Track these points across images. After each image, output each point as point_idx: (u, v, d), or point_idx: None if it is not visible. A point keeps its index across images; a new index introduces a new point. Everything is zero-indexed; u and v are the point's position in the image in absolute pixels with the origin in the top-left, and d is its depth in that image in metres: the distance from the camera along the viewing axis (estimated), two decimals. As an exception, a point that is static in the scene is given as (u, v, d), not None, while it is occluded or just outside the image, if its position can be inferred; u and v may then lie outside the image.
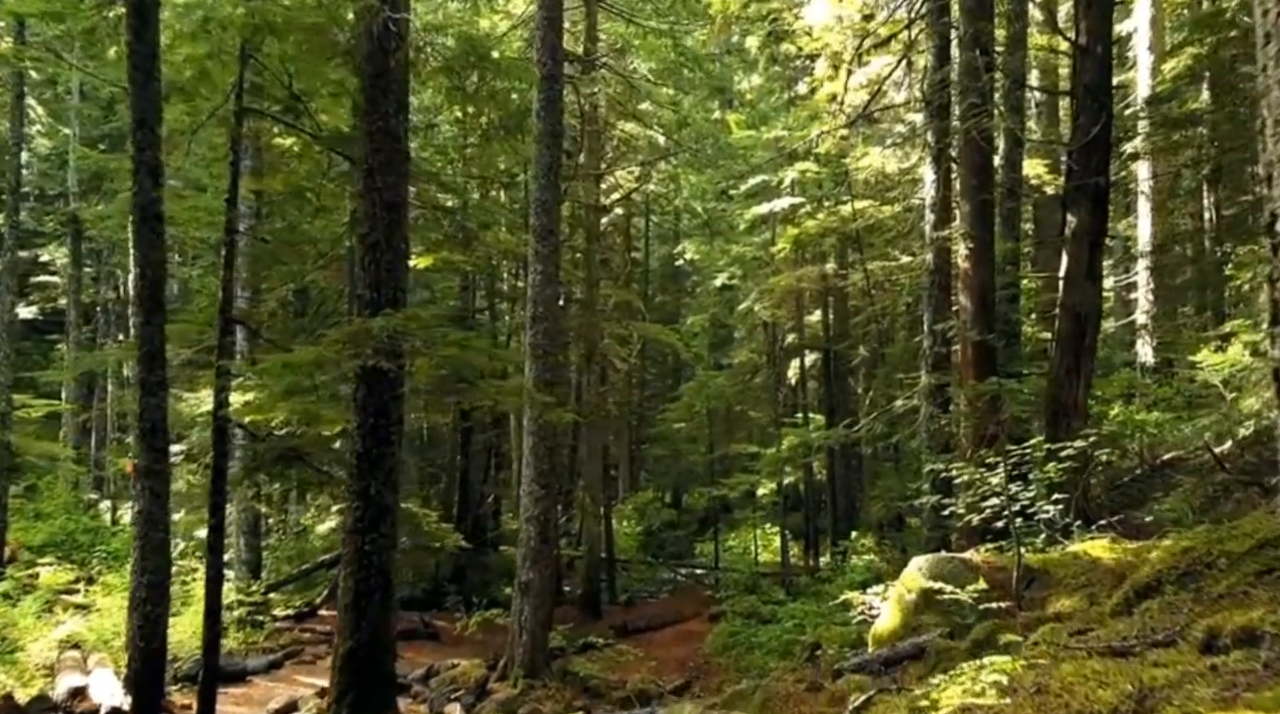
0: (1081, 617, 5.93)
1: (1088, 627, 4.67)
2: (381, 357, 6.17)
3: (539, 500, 13.21)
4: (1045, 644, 4.33)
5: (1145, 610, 4.69)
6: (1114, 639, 4.09)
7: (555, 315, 13.65)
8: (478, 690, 12.54)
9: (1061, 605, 6.86)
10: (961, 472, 8.62)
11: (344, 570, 6.19)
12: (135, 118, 7.45)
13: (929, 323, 12.35)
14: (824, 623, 14.95)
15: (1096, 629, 4.59)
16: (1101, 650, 3.84)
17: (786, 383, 30.45)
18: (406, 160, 6.55)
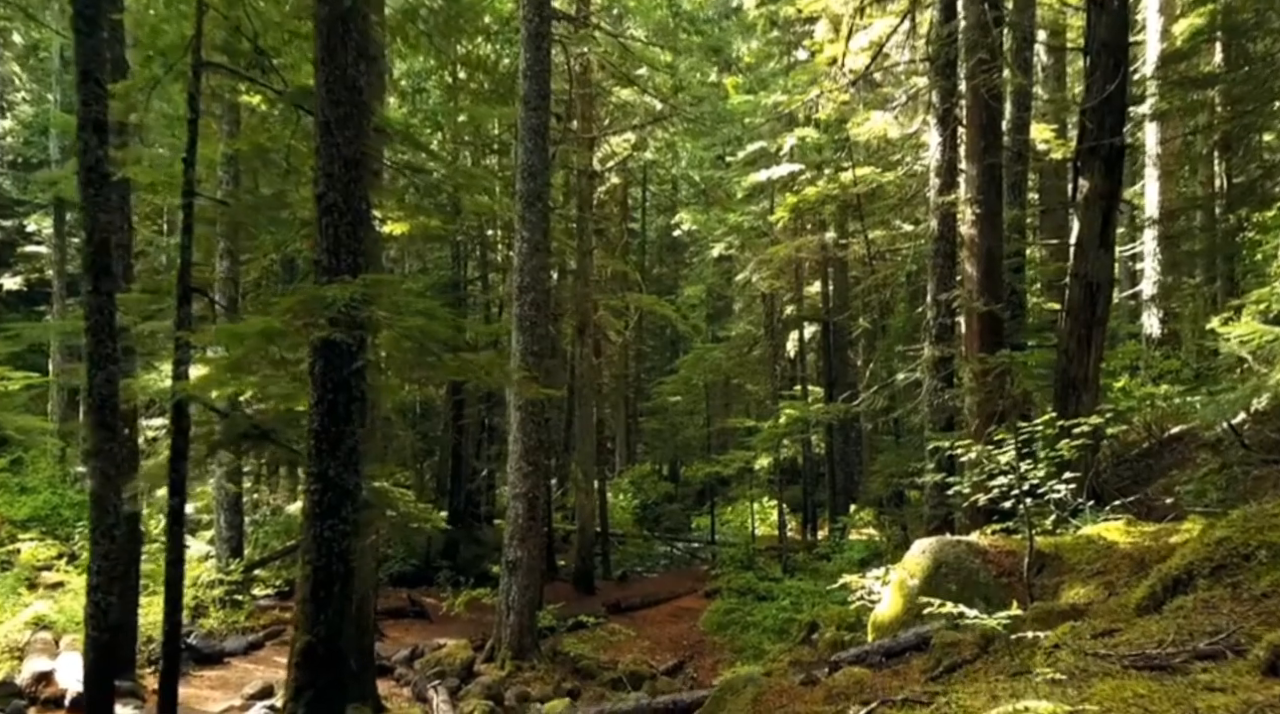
0: (1103, 610, 5.45)
1: (1113, 626, 4.20)
2: (339, 327, 5.65)
3: (527, 477, 12.75)
4: (1068, 649, 3.86)
5: (1178, 609, 4.21)
6: (1149, 645, 3.61)
7: (543, 285, 13.12)
8: (463, 673, 12.14)
9: (1076, 594, 6.39)
10: (967, 449, 8.14)
11: (302, 558, 5.72)
12: (80, 70, 6.90)
13: (933, 293, 11.82)
14: (821, 602, 14.55)
15: (1123, 629, 4.12)
16: (1137, 661, 3.36)
17: (785, 355, 29.99)
18: (368, 114, 5.98)
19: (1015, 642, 5.52)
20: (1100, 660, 3.53)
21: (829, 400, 22.79)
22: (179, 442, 7.83)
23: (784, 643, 14.40)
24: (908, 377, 12.01)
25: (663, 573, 24.50)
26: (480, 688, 11.41)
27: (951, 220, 12.14)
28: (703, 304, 32.00)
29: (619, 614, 17.36)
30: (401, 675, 11.90)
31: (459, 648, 12.60)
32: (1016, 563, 7.22)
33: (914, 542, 15.39)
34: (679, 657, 14.65)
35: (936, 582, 7.34)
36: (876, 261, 17.72)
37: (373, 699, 9.93)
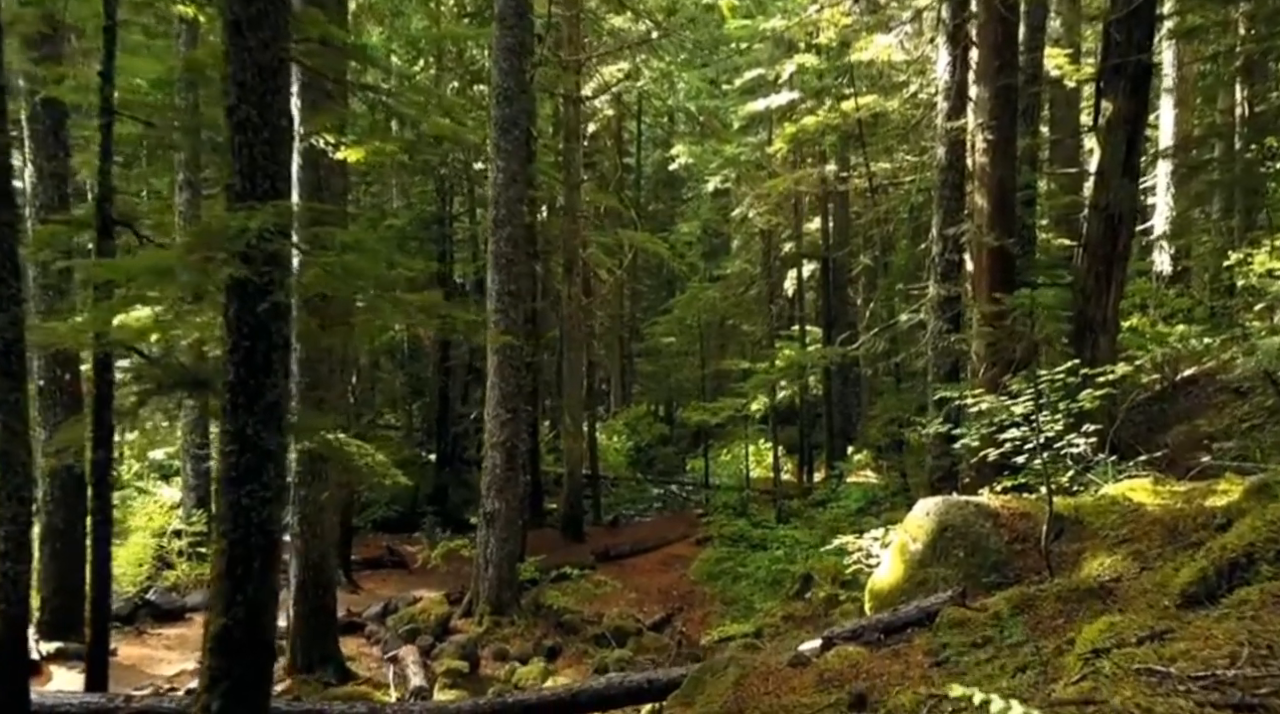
0: (1137, 592, 4.72)
1: (1163, 627, 3.46)
2: (253, 264, 4.82)
3: (505, 425, 12.01)
4: (1112, 662, 3.12)
5: (1241, 605, 3.47)
6: (1218, 661, 2.86)
7: (521, 219, 12.23)
8: (439, 629, 11.54)
9: (1101, 565, 5.66)
10: (978, 398, 7.38)
11: (215, 530, 4.96)
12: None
13: (939, 227, 10.96)
14: (816, 553, 13.94)
15: (1176, 631, 3.38)
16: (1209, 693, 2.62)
17: (783, 294, 29.12)
18: (285, 12, 5.08)
19: (1036, 632, 4.80)
20: (1158, 683, 2.78)
21: (827, 341, 22.02)
22: (103, 390, 7.08)
23: (777, 596, 13.85)
24: (910, 318, 11.20)
25: (656, 517, 23.96)
26: (454, 647, 10.80)
27: (960, 148, 11.22)
28: (699, 241, 30.98)
29: (607, 562, 16.79)
30: (373, 633, 11.31)
31: (434, 603, 11.99)
32: (1031, 527, 6.49)
33: (914, 492, 14.70)
34: (667, 609, 14.08)
35: (942, 547, 6.63)
36: (879, 194, 16.77)
37: (334, 663, 9.32)
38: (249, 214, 4.69)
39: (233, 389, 5.09)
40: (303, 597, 9.16)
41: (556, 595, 13.11)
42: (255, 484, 5.04)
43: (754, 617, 12.85)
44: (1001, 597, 5.33)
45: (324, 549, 9.24)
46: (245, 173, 5.06)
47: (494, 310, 12.01)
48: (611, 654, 11.61)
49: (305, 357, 9.11)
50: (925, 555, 6.70)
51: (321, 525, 9.21)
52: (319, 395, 9.10)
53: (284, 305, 5.19)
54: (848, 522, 14.04)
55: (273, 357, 5.13)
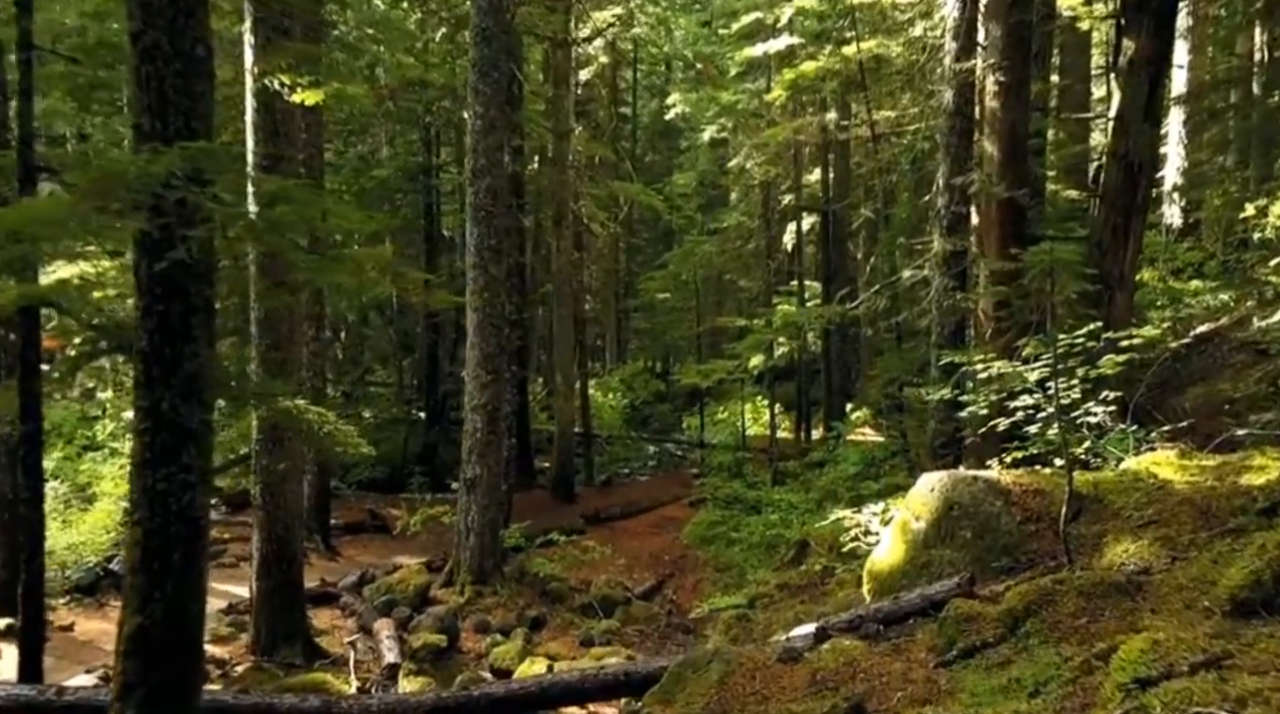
0: (1172, 589, 4.15)
1: (1218, 650, 2.90)
2: (166, 215, 4.18)
3: (486, 387, 11.43)
4: (1158, 698, 2.56)
5: (1314, 624, 2.91)
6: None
7: (501, 169, 11.53)
8: (418, 600, 11.05)
9: (1125, 552, 5.10)
10: (987, 363, 6.78)
11: (130, 518, 4.37)
12: None
13: (945, 176, 10.26)
14: (813, 518, 13.44)
15: (1237, 658, 2.82)
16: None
17: (781, 249, 28.39)
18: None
19: (1055, 634, 4.24)
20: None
21: (826, 296, 21.35)
22: (29, 355, 6.47)
23: (771, 563, 13.37)
24: (914, 274, 10.56)
25: (650, 476, 23.50)
26: (432, 620, 10.30)
27: (969, 92, 10.48)
28: (695, 194, 30.17)
29: (598, 525, 16.31)
30: (347, 605, 10.81)
31: (413, 572, 11.49)
32: (1045, 505, 5.92)
33: (913, 453, 14.13)
34: (658, 575, 13.61)
35: (947, 527, 6.07)
36: (880, 143, 15.99)
37: (301, 640, 8.82)
38: (153, 157, 4.04)
39: (146, 359, 4.47)
40: (266, 571, 8.64)
41: (543, 562, 12.62)
42: (174, 466, 4.45)
43: (747, 585, 12.37)
44: (1015, 590, 4.77)
45: (289, 520, 8.69)
46: (154, 109, 4.40)
47: (473, 265, 11.37)
48: (598, 625, 11.14)
49: (264, 316, 8.49)
50: (929, 535, 6.15)
51: (285, 496, 8.66)
52: (280, 357, 8.50)
53: (205, 263, 4.55)
54: (845, 486, 13.53)
55: (192, 321, 4.51)
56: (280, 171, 8.38)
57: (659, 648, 10.70)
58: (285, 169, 8.39)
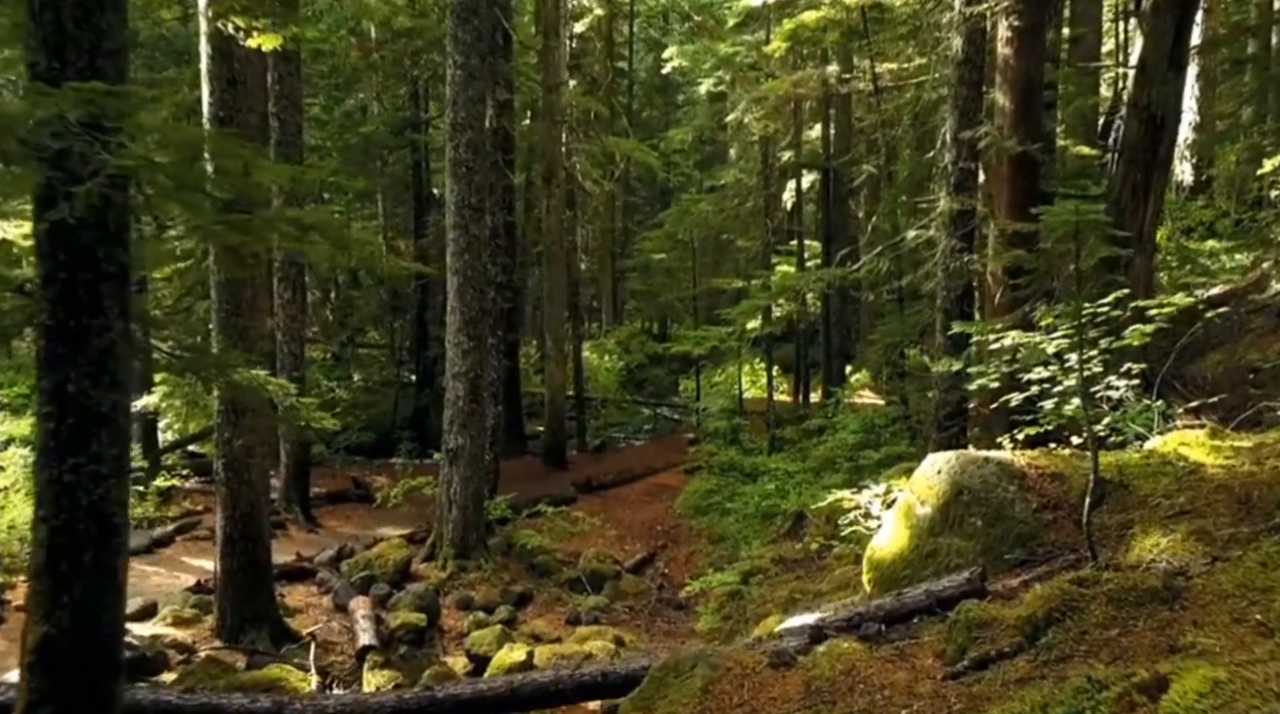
0: (1216, 596, 3.64)
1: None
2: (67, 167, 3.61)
3: (468, 354, 10.88)
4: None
5: None
6: None
7: (482, 122, 10.89)
8: (398, 575, 10.59)
9: (1156, 547, 4.59)
10: (1001, 333, 6.24)
11: (35, 515, 3.85)
12: None
13: (953, 130, 9.60)
14: (810, 486, 12.98)
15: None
16: None
17: (781, 207, 27.66)
18: None
19: (1083, 647, 3.74)
20: None
21: (826, 256, 20.73)
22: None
23: (766, 535, 12.92)
24: (920, 234, 9.95)
25: (646, 441, 23.06)
26: (412, 598, 9.85)
27: (980, 39, 9.79)
28: (692, 150, 29.37)
29: (589, 494, 15.87)
30: (324, 581, 10.35)
31: (393, 546, 11.02)
32: (1064, 491, 5.40)
33: (915, 419, 13.61)
34: (650, 547, 13.18)
35: (956, 513, 5.55)
36: (884, 96, 15.28)
37: (270, 622, 8.35)
38: (36, 99, 3.46)
39: (49, 334, 3.93)
40: (230, 551, 8.16)
41: (530, 534, 12.17)
42: (82, 456, 3.92)
43: (741, 558, 11.93)
44: (1035, 593, 4.26)
45: (254, 496, 8.19)
46: (51, 45, 3.81)
47: (453, 225, 10.77)
48: (585, 601, 10.71)
49: (224, 279, 7.92)
50: (936, 522, 5.64)
51: (250, 470, 8.15)
52: (241, 323, 7.93)
53: (118, 224, 3.99)
54: (844, 456, 13.04)
55: (102, 290, 3.95)
56: (238, 124, 7.76)
57: (648, 625, 10.28)
58: (243, 121, 7.77)
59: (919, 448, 12.69)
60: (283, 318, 12.57)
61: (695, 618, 10.36)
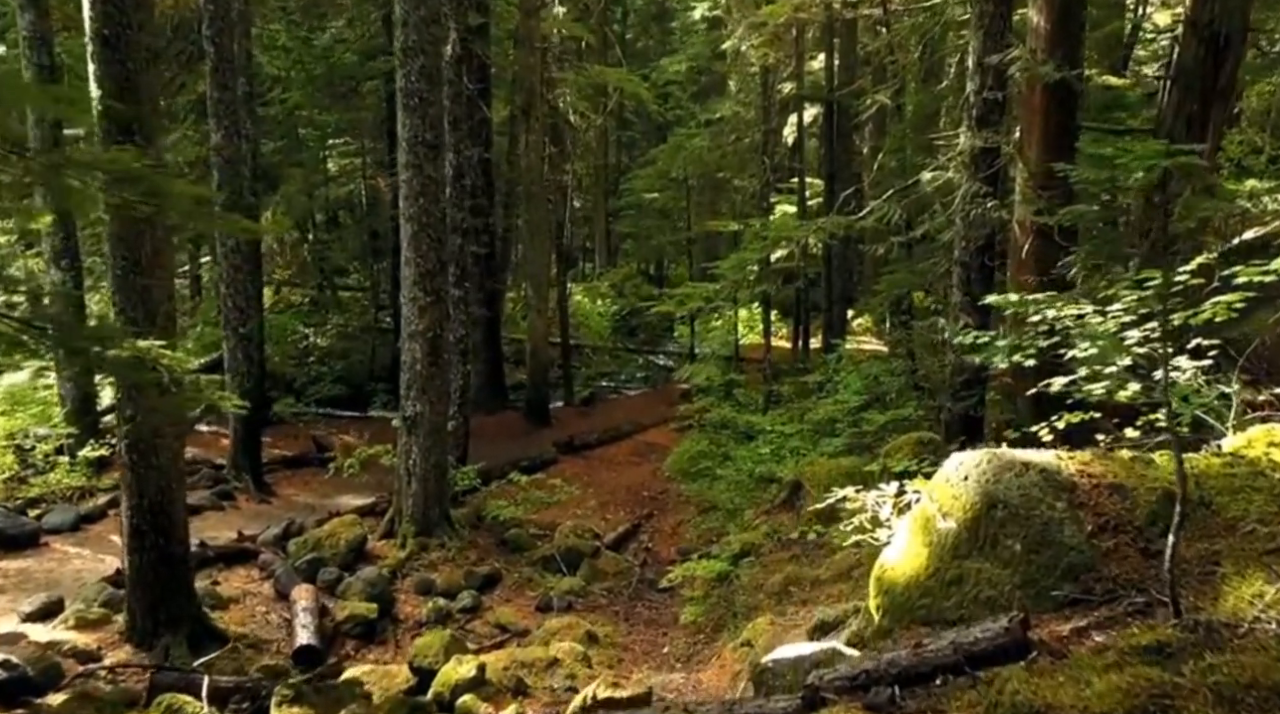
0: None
1: None
2: None
3: (425, 311, 9.72)
4: None
5: None
6: None
7: (437, 47, 9.56)
8: (351, 556, 9.57)
9: (1257, 598, 3.47)
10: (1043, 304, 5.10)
11: None
12: None
13: (977, 54, 8.30)
14: (809, 453, 11.90)
15: None
16: None
17: (782, 144, 26.19)
18: None
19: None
20: None
21: (829, 195, 19.40)
22: None
23: (760, 503, 11.87)
24: (936, 176, 8.71)
25: (637, 391, 22.01)
26: (362, 585, 8.85)
27: (1009, -53, 8.45)
28: (687, 81, 27.74)
29: (572, 454, 14.85)
30: (267, 564, 9.30)
31: (346, 523, 9.95)
32: (1126, 510, 4.28)
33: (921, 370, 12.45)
34: (634, 516, 12.17)
35: (987, 532, 4.44)
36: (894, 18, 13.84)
37: (190, 621, 7.30)
38: None
39: None
40: (139, 545, 7.08)
41: (501, 505, 11.14)
42: None
43: (731, 531, 10.92)
44: (1106, 680, 3.15)
45: (165, 481, 7.09)
46: None
47: (405, 164, 9.53)
48: (559, 583, 9.72)
49: (118, 231, 6.72)
50: (962, 541, 4.53)
51: (158, 453, 7.04)
52: (141, 282, 6.75)
53: None
54: (847, 420, 11.93)
55: None
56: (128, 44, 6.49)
57: (628, 612, 9.29)
58: (133, 41, 6.49)
59: (928, 411, 11.60)
60: (225, 268, 11.38)
61: (680, 602, 9.36)
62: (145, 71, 6.68)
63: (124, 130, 6.61)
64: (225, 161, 11.16)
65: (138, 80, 6.62)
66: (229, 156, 11.19)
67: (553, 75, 17.66)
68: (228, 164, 11.17)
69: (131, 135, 6.63)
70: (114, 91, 6.54)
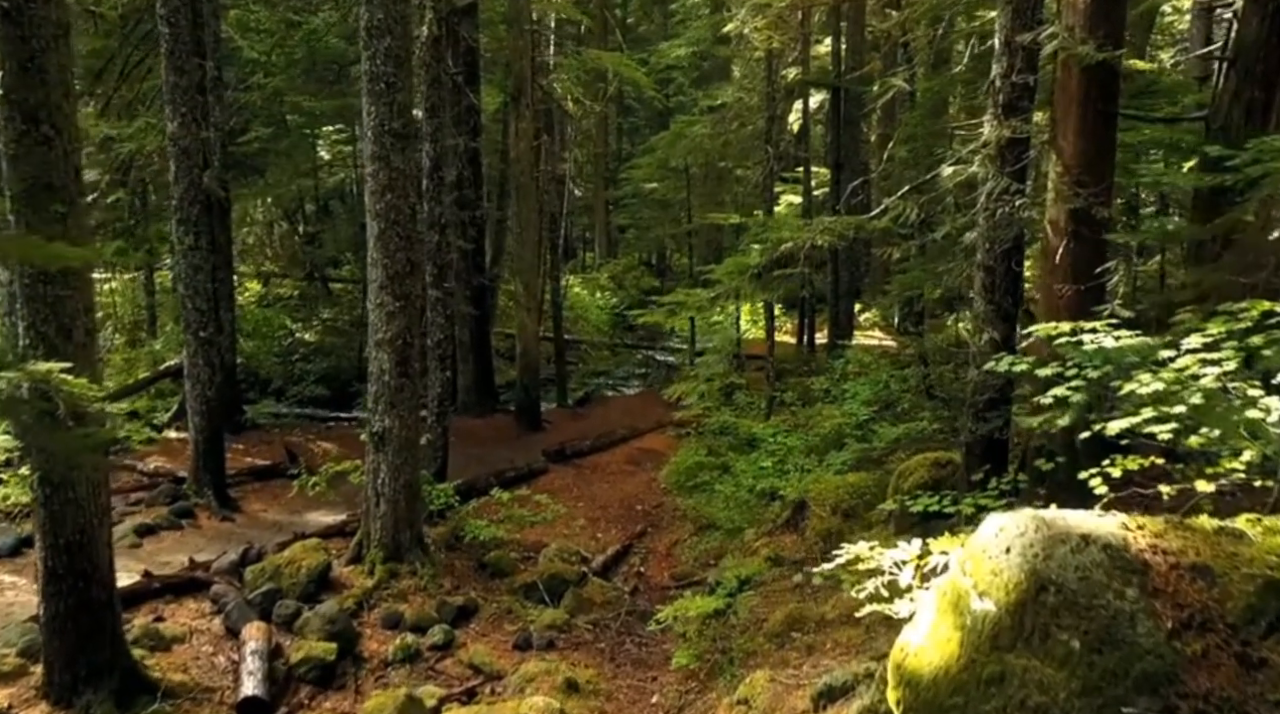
0: None
1: None
2: None
3: (394, 316, 8.87)
4: None
5: None
6: None
7: (404, 25, 8.66)
8: (312, 586, 8.73)
9: None
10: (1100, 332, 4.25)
11: None
12: None
13: (1005, 31, 7.38)
14: (811, 468, 11.05)
15: None
16: None
17: (787, 132, 25.19)
18: None
19: None
20: None
21: (836, 185, 18.50)
22: None
23: (762, 521, 11.03)
24: (958, 170, 7.81)
25: (637, 389, 21.17)
26: (320, 621, 8.02)
27: (1041, -87, 7.52)
28: (691, 67, 26.78)
29: (563, 462, 14.01)
30: (219, 596, 8.46)
31: (309, 548, 9.10)
32: (1216, 600, 3.41)
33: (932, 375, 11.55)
34: (626, 534, 11.33)
35: (1037, 621, 3.59)
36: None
37: (117, 672, 6.46)
38: None
39: None
40: (55, 590, 6.26)
41: (482, 525, 10.28)
42: None
43: (731, 556, 10.09)
44: None
45: (84, 520, 6.25)
46: None
47: (372, 156, 8.65)
48: (540, 616, 8.88)
49: (25, 236, 5.86)
50: (1003, 629, 3.67)
51: (77, 486, 6.20)
52: (53, 293, 5.90)
53: None
54: (854, 434, 11.07)
55: None
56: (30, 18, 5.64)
57: (614, 651, 8.44)
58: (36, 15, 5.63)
59: (943, 422, 10.73)
60: (183, 267, 10.53)
61: (672, 638, 8.52)
62: (54, 50, 5.81)
63: (28, 118, 5.76)
64: (181, 151, 10.29)
65: (44, 60, 5.76)
66: (186, 146, 10.31)
67: (545, 59, 16.77)
68: (184, 154, 10.29)
69: (38, 123, 5.79)
70: (15, 72, 5.68)
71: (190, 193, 10.33)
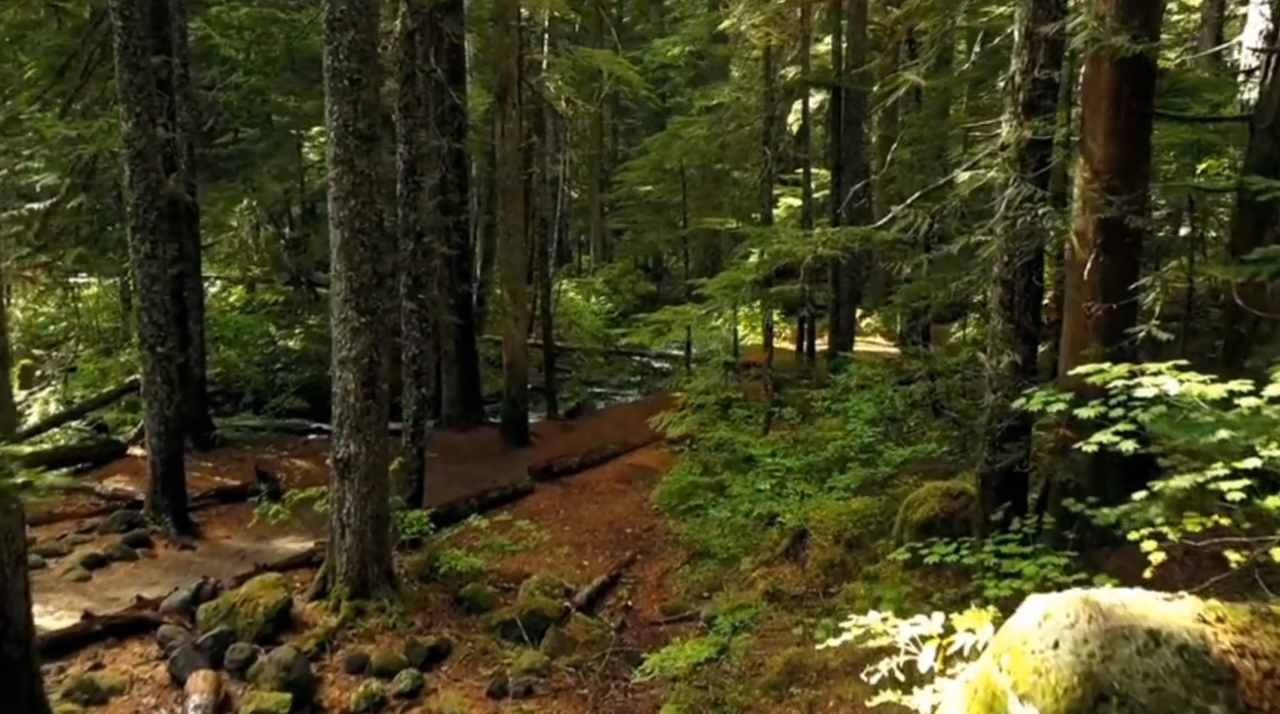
0: None
1: None
2: None
3: (359, 333, 8.18)
4: None
5: None
6: None
7: (370, 18, 7.97)
8: (270, 625, 8.02)
9: None
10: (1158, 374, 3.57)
11: None
12: None
13: (1026, 23, 6.69)
14: (814, 495, 10.35)
15: None
16: None
17: (786, 132, 24.56)
18: None
19: None
20: None
21: (836, 187, 17.86)
22: None
23: (759, 550, 10.33)
24: (975, 177, 7.12)
25: (633, 397, 20.47)
26: (275, 668, 7.31)
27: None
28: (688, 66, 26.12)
29: (550, 481, 13.31)
30: (166, 639, 7.77)
31: (267, 585, 8.38)
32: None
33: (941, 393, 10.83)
34: (615, 563, 10.61)
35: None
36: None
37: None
38: None
39: None
40: (-40, 648, 5.57)
41: (458, 554, 9.59)
42: None
43: (727, 582, 9.41)
44: None
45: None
46: None
47: (334, 159, 7.97)
48: (519, 659, 8.16)
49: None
50: (1050, 744, 2.98)
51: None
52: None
53: None
54: (857, 456, 10.37)
55: None
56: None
57: (598, 699, 7.73)
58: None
59: (952, 444, 10.05)
60: (140, 277, 9.83)
61: (661, 684, 7.83)
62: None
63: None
64: (136, 154, 9.58)
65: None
66: (141, 148, 9.60)
67: (535, 58, 16.09)
68: (139, 157, 9.58)
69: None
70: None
71: (146, 198, 9.63)
